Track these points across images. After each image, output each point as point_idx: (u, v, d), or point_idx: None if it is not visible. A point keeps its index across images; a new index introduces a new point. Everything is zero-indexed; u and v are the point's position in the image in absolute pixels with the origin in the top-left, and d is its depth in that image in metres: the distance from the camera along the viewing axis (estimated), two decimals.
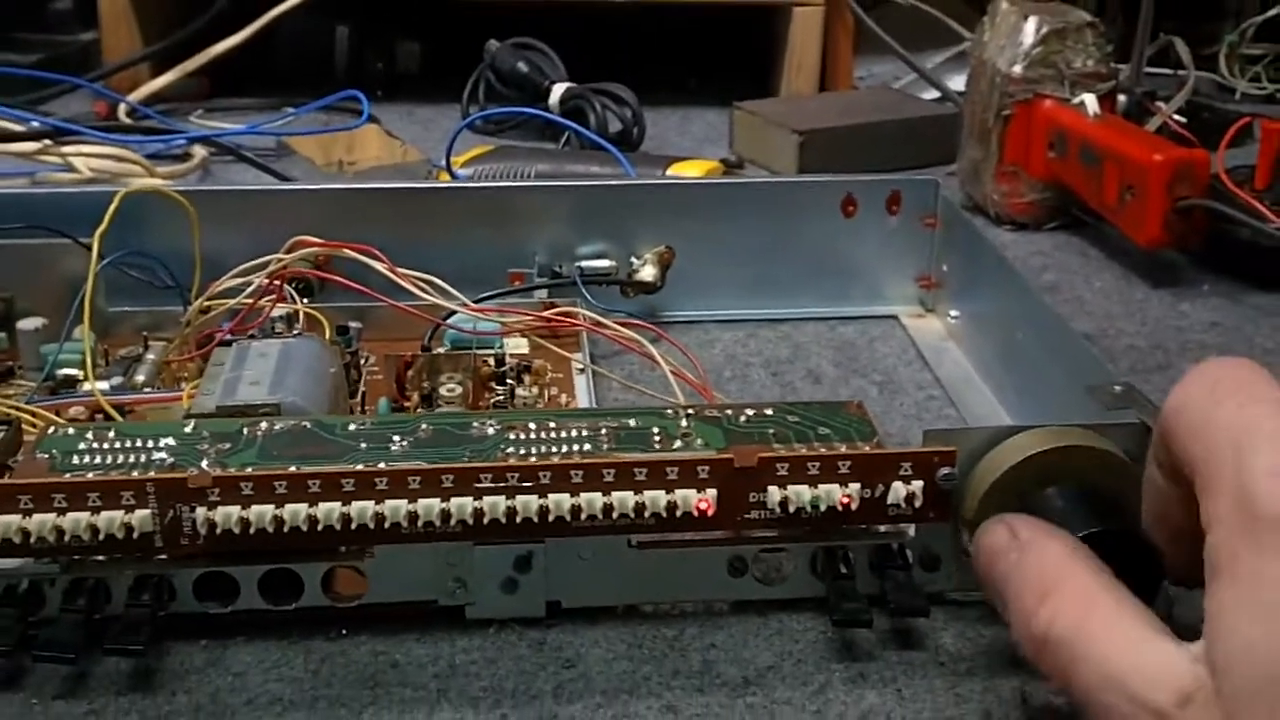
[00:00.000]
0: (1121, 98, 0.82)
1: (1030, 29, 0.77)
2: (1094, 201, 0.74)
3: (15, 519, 0.37)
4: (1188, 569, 0.36)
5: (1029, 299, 0.53)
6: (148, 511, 0.37)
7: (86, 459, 0.39)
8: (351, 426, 0.41)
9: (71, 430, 0.41)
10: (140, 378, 0.51)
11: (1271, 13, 1.10)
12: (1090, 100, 0.75)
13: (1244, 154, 0.75)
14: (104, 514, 0.37)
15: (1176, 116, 0.85)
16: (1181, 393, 0.33)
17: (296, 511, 0.37)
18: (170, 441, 0.40)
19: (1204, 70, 1.07)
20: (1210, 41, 1.12)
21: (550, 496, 0.38)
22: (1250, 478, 0.29)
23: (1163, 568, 0.37)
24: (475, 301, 0.54)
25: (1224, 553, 0.29)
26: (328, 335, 0.53)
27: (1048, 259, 0.74)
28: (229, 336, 0.50)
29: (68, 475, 0.38)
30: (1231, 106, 1.00)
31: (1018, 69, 0.76)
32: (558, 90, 0.95)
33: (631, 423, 0.41)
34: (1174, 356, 0.61)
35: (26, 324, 0.54)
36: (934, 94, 1.00)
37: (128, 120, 0.93)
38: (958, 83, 0.93)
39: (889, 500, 0.39)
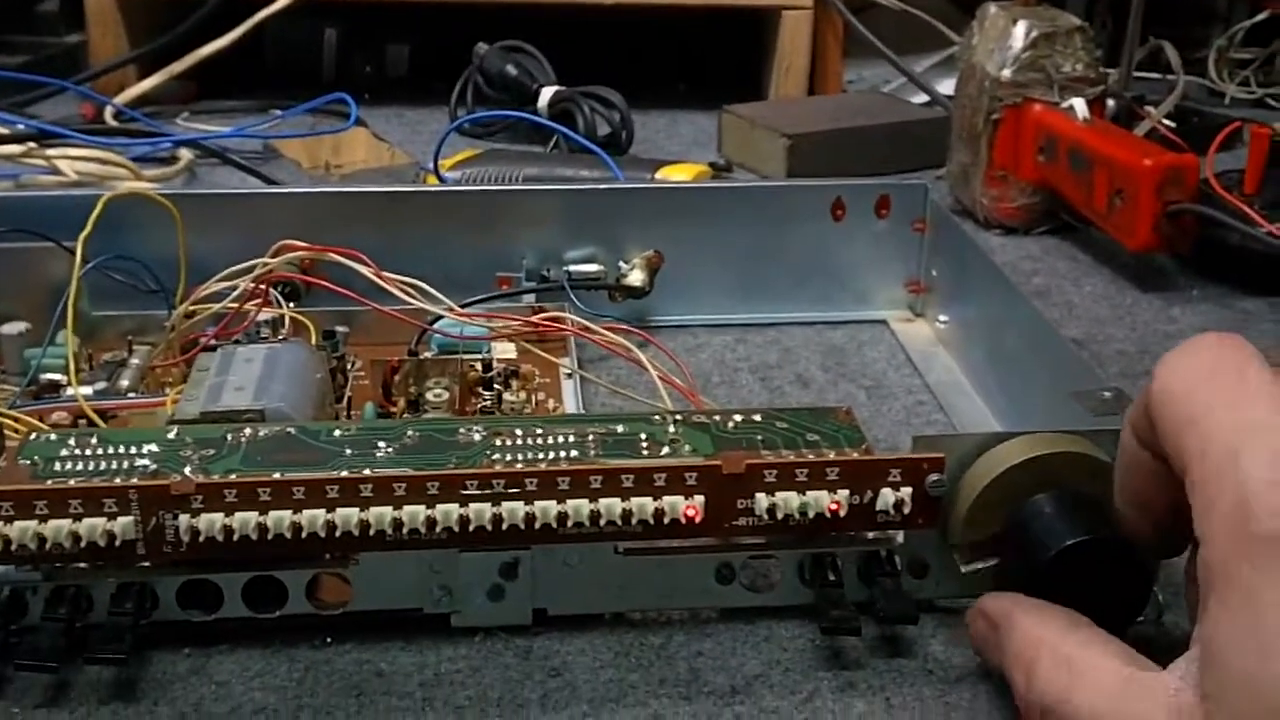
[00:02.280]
0: (1111, 102, 0.82)
1: (1019, 33, 0.76)
2: (1083, 206, 0.74)
3: None
4: (1159, 540, 0.35)
5: (1018, 304, 0.53)
6: (130, 519, 0.37)
7: (69, 465, 0.39)
8: (336, 433, 0.41)
9: (54, 436, 0.40)
10: (124, 382, 0.51)
11: (1260, 17, 1.10)
12: (1079, 105, 0.75)
13: (1233, 158, 0.75)
14: (86, 521, 0.37)
15: (1166, 121, 0.85)
16: (1173, 373, 0.31)
17: (280, 518, 0.37)
18: (153, 448, 0.39)
19: (1193, 74, 1.07)
20: (1200, 46, 1.12)
21: (537, 503, 0.38)
22: (1248, 492, 0.28)
23: (1152, 574, 0.37)
24: (462, 306, 0.54)
25: (1219, 571, 0.28)
26: (314, 340, 0.52)
27: (1037, 263, 0.74)
28: (214, 341, 0.50)
29: (49, 482, 0.38)
30: (1221, 111, 1.01)
31: (1007, 73, 0.76)
32: (546, 93, 0.94)
33: (619, 429, 0.41)
34: None
35: (9, 328, 0.53)
36: (923, 98, 1.00)
37: (114, 123, 0.93)
38: (947, 87, 0.93)
39: (878, 507, 0.39)
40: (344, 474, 0.38)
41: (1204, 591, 0.29)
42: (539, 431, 0.41)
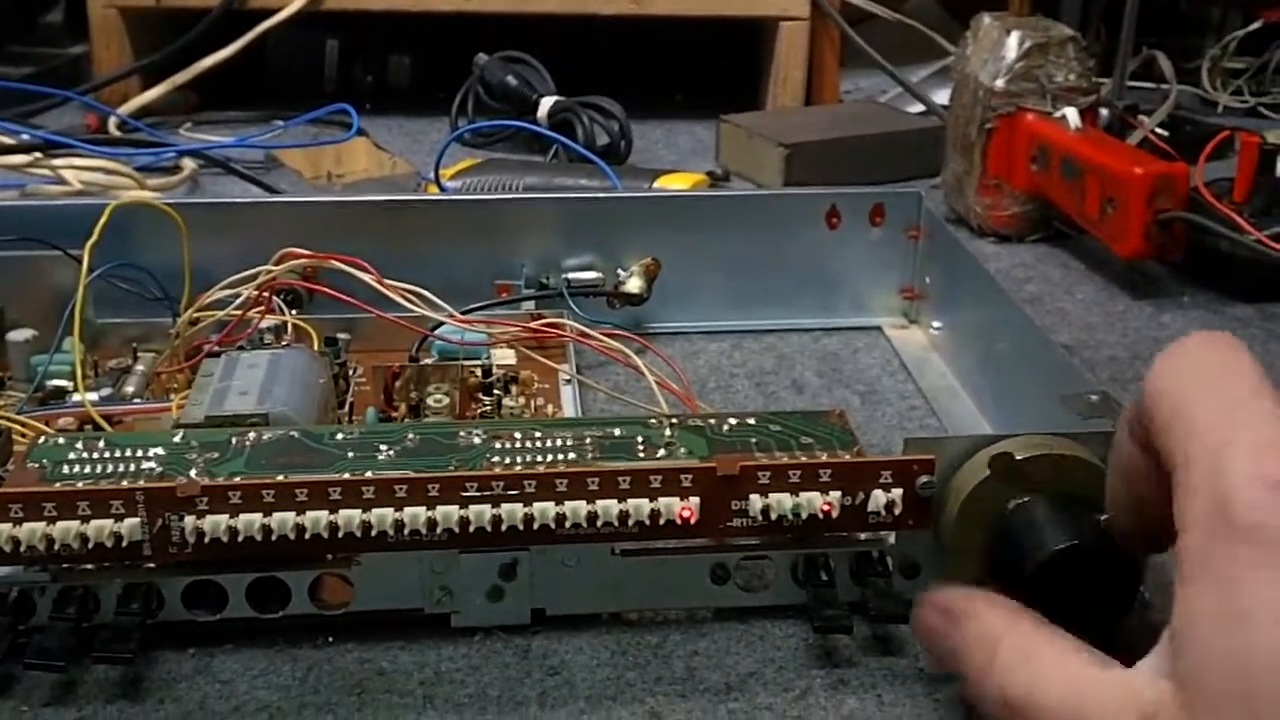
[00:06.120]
0: (1103, 111, 0.82)
1: (1013, 43, 0.77)
2: (1076, 214, 0.75)
3: (6, 528, 0.37)
4: (1149, 538, 0.36)
5: (1011, 310, 0.54)
6: (137, 520, 0.37)
7: (76, 468, 0.39)
8: (339, 436, 0.41)
9: (62, 440, 0.41)
10: (129, 389, 0.52)
11: (1253, 26, 1.11)
12: (1072, 114, 0.76)
13: (1224, 167, 0.76)
14: (94, 523, 0.37)
15: (1158, 130, 0.86)
16: (1164, 372, 0.32)
17: (284, 520, 0.38)
18: (159, 451, 0.40)
19: (1186, 84, 1.08)
20: (1193, 55, 1.13)
21: (535, 505, 0.38)
22: (1228, 483, 0.28)
23: (1139, 575, 0.38)
24: (462, 313, 0.55)
25: (1197, 559, 0.29)
26: (316, 346, 0.53)
27: (1030, 271, 0.75)
28: (218, 348, 0.51)
29: (58, 484, 0.38)
30: (1213, 120, 1.01)
31: (1000, 83, 0.77)
32: (546, 103, 0.95)
33: (616, 432, 0.42)
34: None
35: (16, 335, 0.54)
36: (918, 108, 1.01)
37: (118, 133, 0.94)
38: (942, 97, 0.94)
39: (869, 508, 0.40)
40: (346, 476, 0.38)
41: (1180, 580, 0.29)
42: (538, 434, 0.41)
